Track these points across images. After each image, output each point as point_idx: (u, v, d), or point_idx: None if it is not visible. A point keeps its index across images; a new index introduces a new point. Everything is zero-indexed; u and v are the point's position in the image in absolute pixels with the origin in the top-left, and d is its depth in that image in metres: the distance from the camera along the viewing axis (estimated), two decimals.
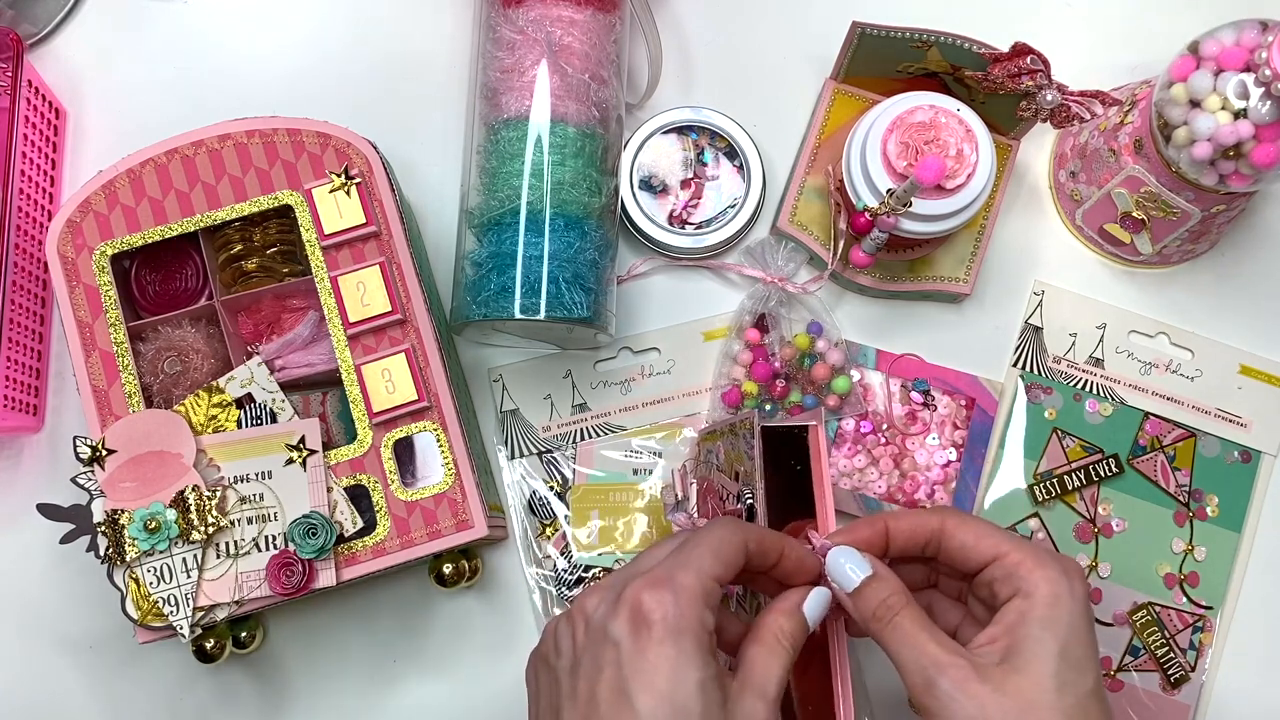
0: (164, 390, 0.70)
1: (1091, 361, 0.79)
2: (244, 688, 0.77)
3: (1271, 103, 0.66)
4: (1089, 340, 0.79)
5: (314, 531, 0.66)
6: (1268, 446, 0.79)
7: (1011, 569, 0.56)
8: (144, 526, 0.65)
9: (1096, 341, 0.79)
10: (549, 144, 0.71)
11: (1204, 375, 0.79)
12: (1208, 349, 0.79)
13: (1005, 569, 0.56)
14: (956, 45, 0.71)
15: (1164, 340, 0.80)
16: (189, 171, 0.70)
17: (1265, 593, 0.78)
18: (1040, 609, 0.54)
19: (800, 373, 0.77)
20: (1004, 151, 0.78)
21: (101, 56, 0.82)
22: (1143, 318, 0.80)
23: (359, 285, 0.69)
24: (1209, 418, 0.79)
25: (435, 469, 0.69)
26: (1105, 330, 0.80)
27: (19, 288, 0.75)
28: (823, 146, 0.79)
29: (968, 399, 0.78)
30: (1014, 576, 0.56)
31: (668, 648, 0.50)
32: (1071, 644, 0.54)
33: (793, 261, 0.77)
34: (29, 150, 0.76)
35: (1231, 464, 0.79)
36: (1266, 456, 0.79)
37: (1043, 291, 0.80)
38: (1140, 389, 0.79)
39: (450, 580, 0.72)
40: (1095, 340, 0.79)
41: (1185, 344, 0.80)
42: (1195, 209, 0.73)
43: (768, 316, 0.77)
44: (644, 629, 0.51)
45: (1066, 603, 0.55)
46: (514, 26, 0.72)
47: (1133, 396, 0.79)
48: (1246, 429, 0.79)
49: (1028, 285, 0.80)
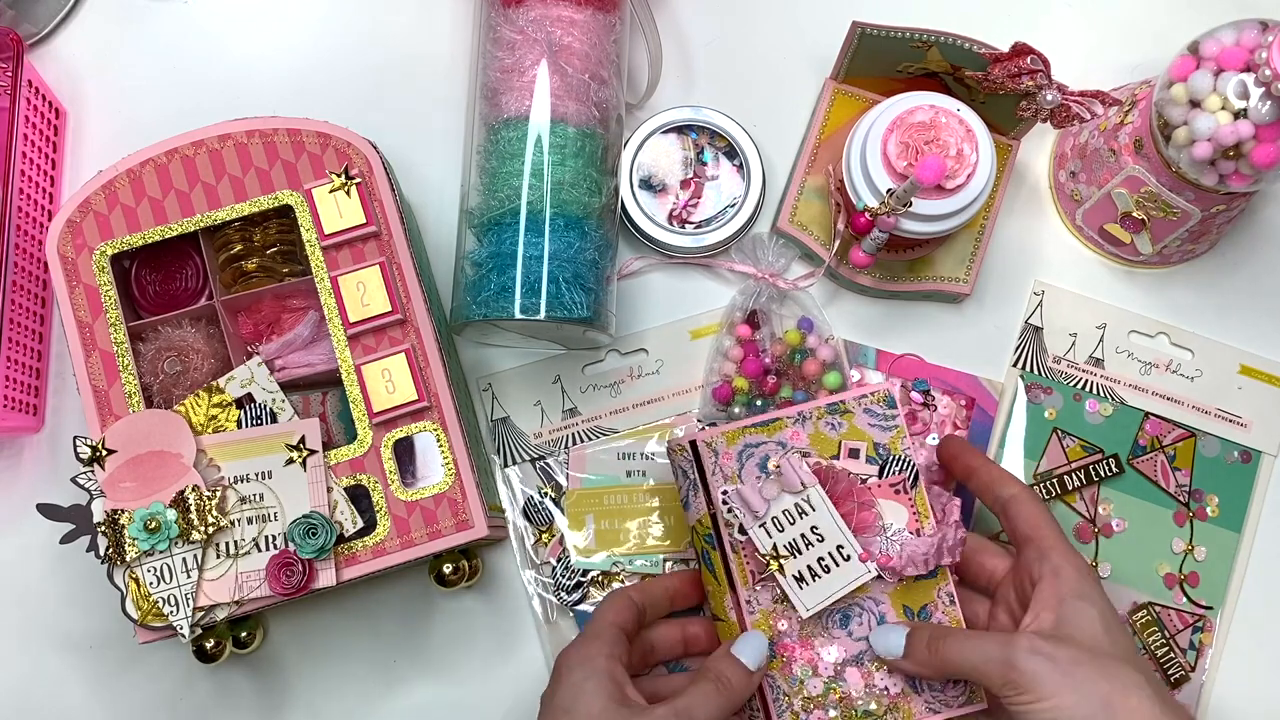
0: (164, 390, 0.70)
1: (1091, 361, 0.79)
2: (244, 688, 0.77)
3: (1271, 103, 0.65)
4: (1089, 340, 0.79)
5: (314, 531, 0.66)
6: (1268, 446, 0.79)
7: (1045, 551, 0.64)
8: (144, 526, 0.65)
9: (1096, 341, 0.79)
10: (549, 144, 0.71)
11: (1204, 375, 0.79)
12: (1208, 349, 0.79)
13: (1039, 550, 0.64)
14: (956, 45, 0.71)
15: (1164, 340, 0.80)
16: (189, 171, 0.70)
17: (1265, 593, 0.77)
18: (1072, 584, 0.62)
19: (791, 369, 0.77)
20: (1004, 151, 0.78)
21: (101, 56, 0.82)
22: (1143, 318, 0.80)
23: (359, 285, 0.69)
24: (1209, 418, 0.79)
25: (435, 469, 0.69)
26: (1105, 330, 0.80)
27: (19, 288, 0.75)
28: (823, 146, 0.79)
29: (968, 399, 0.78)
30: (1046, 557, 0.64)
31: (575, 675, 0.63)
32: (1106, 611, 0.62)
33: (784, 257, 0.77)
34: (29, 150, 0.76)
35: (1231, 464, 0.79)
36: (1266, 456, 0.79)
37: (1043, 291, 0.80)
38: (1140, 389, 0.79)
39: (450, 580, 0.72)
40: (1095, 340, 0.79)
41: (1185, 344, 0.80)
42: (1195, 209, 0.73)
43: (759, 312, 0.77)
44: (562, 671, 0.64)
45: (1091, 580, 0.63)
46: (514, 26, 0.72)
47: (1133, 396, 0.79)
48: (1246, 429, 0.79)
49: (1028, 285, 0.80)
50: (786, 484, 0.67)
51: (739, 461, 0.68)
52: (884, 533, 0.68)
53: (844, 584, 0.67)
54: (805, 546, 0.67)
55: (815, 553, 0.67)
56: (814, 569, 0.67)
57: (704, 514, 0.68)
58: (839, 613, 0.68)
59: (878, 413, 0.69)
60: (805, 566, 0.67)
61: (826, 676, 0.67)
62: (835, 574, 0.67)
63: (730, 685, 0.63)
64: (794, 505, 0.67)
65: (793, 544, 0.67)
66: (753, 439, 0.68)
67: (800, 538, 0.67)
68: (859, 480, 0.68)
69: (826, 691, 0.67)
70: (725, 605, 0.68)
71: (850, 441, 0.69)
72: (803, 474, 0.67)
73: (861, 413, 0.69)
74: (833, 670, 0.67)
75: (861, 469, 0.69)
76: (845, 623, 0.68)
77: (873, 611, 0.68)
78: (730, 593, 0.68)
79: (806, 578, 0.67)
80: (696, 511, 0.69)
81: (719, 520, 0.68)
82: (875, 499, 0.68)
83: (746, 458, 0.68)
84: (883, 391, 0.69)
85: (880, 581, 0.67)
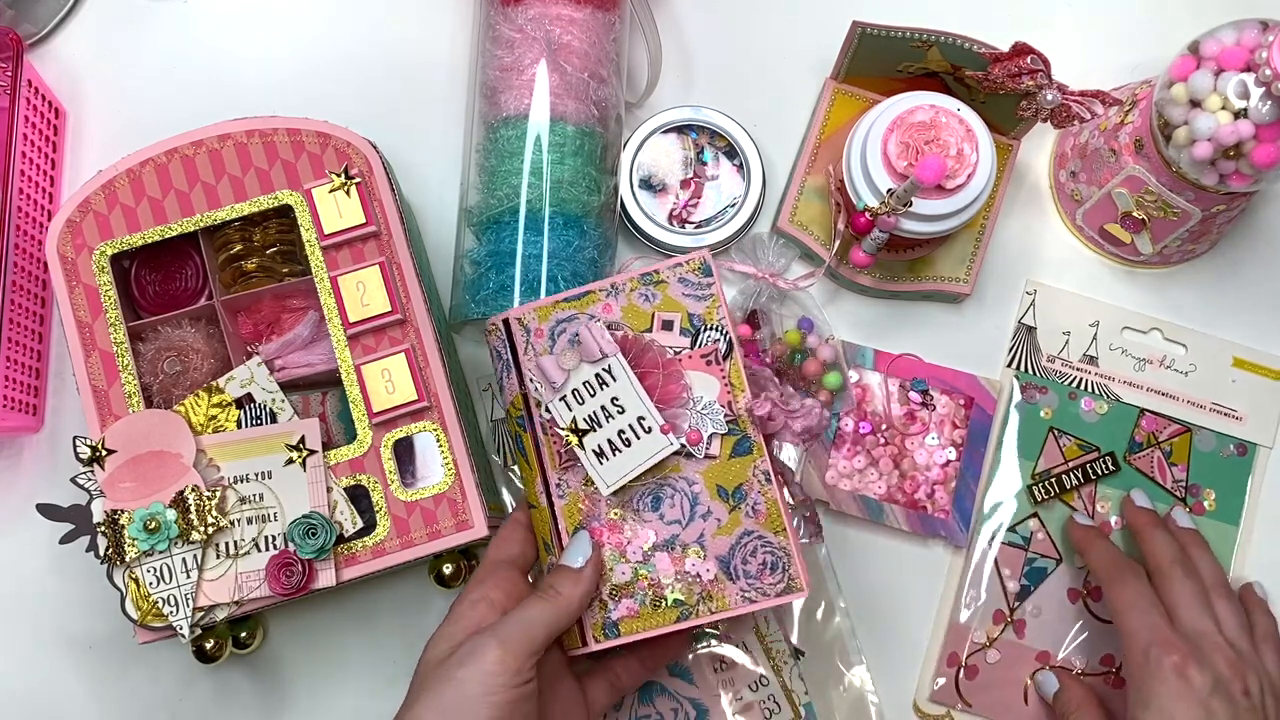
0: (164, 390, 0.70)
1: (1085, 359, 0.79)
2: (244, 688, 0.77)
3: (1272, 102, 0.66)
4: (1082, 338, 0.79)
5: (314, 531, 0.66)
6: (1262, 439, 0.79)
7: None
8: (144, 526, 0.65)
9: (1090, 339, 0.79)
10: (548, 142, 0.71)
11: (1198, 370, 0.79)
12: (1201, 343, 0.80)
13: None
14: (957, 45, 0.71)
15: (1157, 336, 0.80)
16: (189, 171, 0.70)
17: (1263, 585, 0.77)
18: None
19: (791, 369, 0.77)
20: (1004, 151, 0.78)
21: (101, 56, 0.82)
22: (1136, 314, 0.80)
23: (359, 285, 0.69)
24: (1204, 412, 0.79)
25: (435, 469, 0.69)
26: (1098, 328, 0.80)
27: (19, 288, 0.75)
28: (823, 146, 0.79)
29: (966, 398, 0.78)
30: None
31: (449, 616, 0.64)
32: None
33: (784, 257, 0.77)
34: (29, 150, 0.76)
35: (1227, 457, 0.79)
36: (1262, 449, 0.79)
37: (1035, 291, 0.80)
38: (1135, 385, 0.79)
39: (450, 580, 0.72)
40: (1089, 338, 0.79)
41: (1179, 339, 0.80)
42: (1195, 209, 0.73)
43: (759, 312, 0.77)
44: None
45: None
46: (513, 25, 0.72)
47: (1127, 393, 0.79)
48: (1242, 422, 0.79)
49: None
50: (585, 352, 0.64)
51: (551, 338, 0.65)
52: (693, 406, 0.64)
53: (645, 457, 0.63)
54: (605, 419, 0.63)
55: (615, 425, 0.63)
56: (614, 443, 0.63)
57: (516, 394, 0.66)
58: (650, 494, 0.64)
59: (692, 281, 0.65)
60: (605, 440, 0.63)
61: (635, 561, 0.64)
62: (636, 447, 0.63)
63: (559, 593, 0.62)
64: (594, 376, 0.64)
65: (593, 416, 0.64)
66: (564, 314, 0.65)
67: (601, 410, 0.63)
68: (669, 351, 0.65)
69: (635, 578, 0.64)
70: (536, 491, 0.66)
71: (664, 313, 0.65)
72: (602, 342, 0.64)
73: (676, 282, 0.65)
74: (641, 555, 0.64)
75: (675, 341, 0.65)
76: (656, 505, 0.64)
77: (685, 492, 0.64)
78: (540, 477, 0.65)
79: (607, 452, 0.63)
80: (510, 393, 0.67)
81: (529, 401, 0.66)
82: (684, 371, 0.64)
83: (559, 333, 0.65)
84: (698, 259, 0.65)
85: (691, 460, 0.64)
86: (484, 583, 0.65)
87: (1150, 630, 0.68)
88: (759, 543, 0.63)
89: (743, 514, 0.64)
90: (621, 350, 0.64)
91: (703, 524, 0.64)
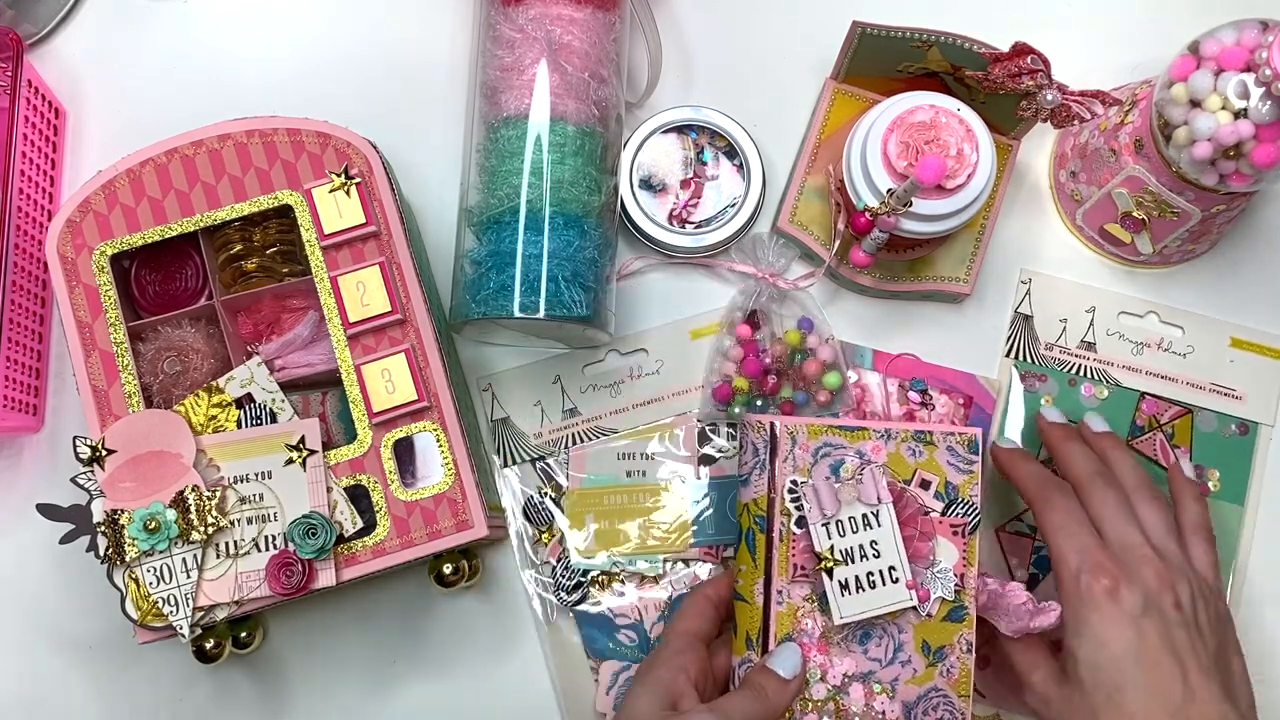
0: (164, 390, 0.70)
1: (1083, 346, 0.79)
2: (244, 688, 0.77)
3: (1272, 103, 0.65)
4: (1079, 324, 0.79)
5: (314, 531, 0.66)
6: (1264, 417, 0.79)
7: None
8: (144, 526, 0.65)
9: (1087, 325, 0.80)
10: (548, 142, 0.71)
11: (1196, 351, 0.79)
12: (1198, 325, 0.80)
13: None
14: (957, 45, 0.71)
15: (1154, 319, 0.80)
16: (189, 171, 0.70)
17: (1271, 564, 0.77)
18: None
19: (791, 369, 0.77)
20: (1004, 151, 0.78)
21: (101, 56, 0.82)
22: (1131, 298, 0.80)
23: (359, 285, 0.69)
24: (1204, 393, 0.79)
25: (435, 469, 0.69)
26: (1095, 314, 0.80)
27: (19, 288, 0.75)
28: (823, 146, 0.79)
29: (965, 397, 0.78)
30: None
31: (637, 687, 0.66)
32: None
33: (784, 257, 0.77)
34: (29, 150, 0.76)
35: (1229, 437, 0.79)
36: (1264, 427, 0.79)
37: (1030, 279, 0.80)
38: (1134, 369, 0.79)
39: (450, 580, 0.72)
40: (1085, 324, 0.80)
41: (1175, 321, 0.80)
42: (1195, 209, 0.73)
43: (759, 312, 0.77)
44: (634, 682, 0.68)
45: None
46: (514, 25, 0.72)
47: (1127, 378, 0.79)
48: (1242, 401, 0.79)
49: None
50: (864, 494, 0.68)
51: (814, 457, 0.69)
52: (932, 567, 0.69)
53: (885, 603, 0.68)
54: (860, 557, 0.68)
55: (867, 566, 0.68)
56: (860, 581, 0.67)
57: (762, 495, 0.69)
58: (862, 629, 0.69)
59: (959, 454, 0.70)
60: (854, 576, 0.67)
61: (832, 684, 0.68)
62: (879, 592, 0.68)
63: (767, 695, 0.66)
64: (862, 516, 0.68)
65: (849, 551, 0.68)
66: (833, 440, 0.69)
67: (858, 548, 0.68)
68: (925, 511, 0.69)
69: (828, 699, 0.68)
70: (754, 589, 0.69)
71: (925, 472, 0.70)
72: (881, 489, 0.68)
73: (944, 449, 0.70)
74: (840, 680, 0.68)
75: (929, 501, 0.70)
76: (864, 640, 0.69)
77: (894, 637, 0.69)
78: (764, 578, 0.68)
79: (851, 587, 0.67)
80: (755, 491, 0.69)
81: (776, 506, 0.68)
82: (935, 533, 0.69)
83: (822, 456, 0.69)
84: (970, 435, 0.71)
85: (911, 612, 0.69)
86: (683, 654, 0.68)
87: (1079, 554, 0.67)
88: (942, 699, 0.69)
89: (938, 672, 0.69)
90: (892, 499, 0.69)
91: (899, 669, 0.69)
